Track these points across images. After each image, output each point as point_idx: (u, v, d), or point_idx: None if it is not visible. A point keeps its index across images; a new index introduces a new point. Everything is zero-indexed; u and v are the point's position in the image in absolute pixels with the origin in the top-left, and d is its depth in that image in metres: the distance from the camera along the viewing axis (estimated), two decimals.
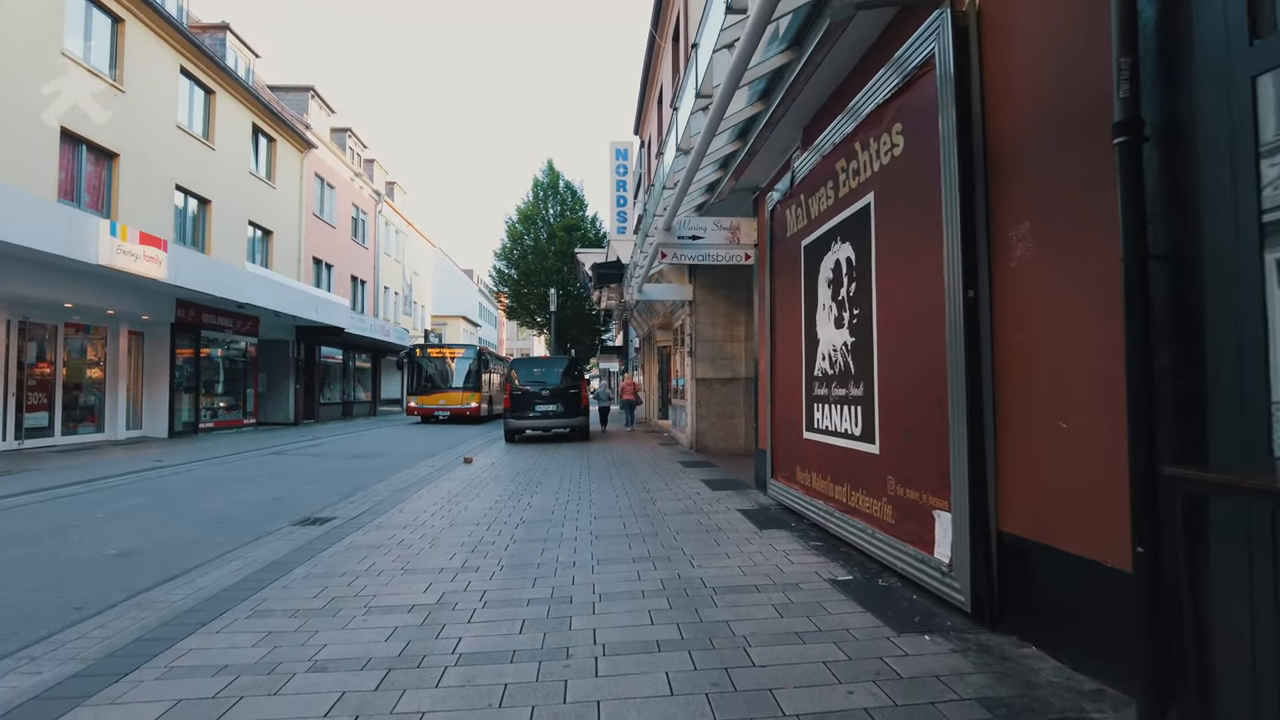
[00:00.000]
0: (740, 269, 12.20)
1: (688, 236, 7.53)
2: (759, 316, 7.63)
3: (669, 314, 15.21)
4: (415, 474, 9.62)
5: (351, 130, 28.56)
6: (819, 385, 5.33)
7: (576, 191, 29.83)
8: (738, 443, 11.97)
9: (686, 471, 9.42)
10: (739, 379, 12.05)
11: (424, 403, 22.66)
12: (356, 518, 6.59)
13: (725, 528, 5.67)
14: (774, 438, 6.54)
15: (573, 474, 9.35)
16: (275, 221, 20.82)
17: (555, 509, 6.74)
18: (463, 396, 22.76)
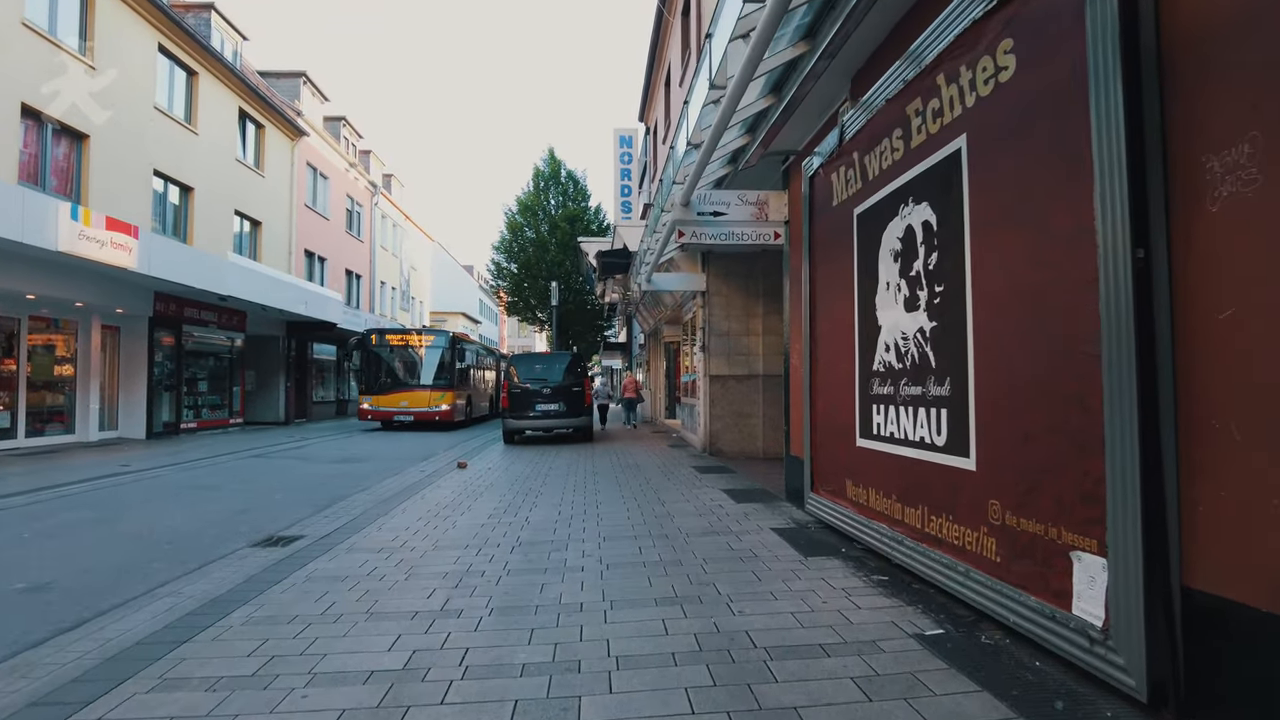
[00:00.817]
0: (758, 256, 11.28)
1: (708, 213, 6.58)
2: (791, 303, 6.68)
3: (678, 307, 14.25)
4: (403, 481, 8.68)
5: (346, 119, 27.60)
6: (880, 382, 4.37)
7: (579, 181, 28.72)
8: (755, 445, 11.02)
9: (703, 479, 8.47)
10: (756, 376, 11.10)
11: (381, 404, 18.05)
12: (327, 536, 5.65)
13: (762, 554, 4.72)
14: (815, 444, 5.58)
15: (577, 481, 8.40)
16: (264, 212, 19.88)
17: (558, 526, 5.79)
18: (430, 396, 18.16)
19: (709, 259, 11.17)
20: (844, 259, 4.99)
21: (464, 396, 19.72)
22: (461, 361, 19.64)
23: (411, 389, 18.30)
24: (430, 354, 18.78)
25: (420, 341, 19.00)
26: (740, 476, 8.65)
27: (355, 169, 27.60)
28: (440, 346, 18.88)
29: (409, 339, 18.94)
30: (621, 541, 5.18)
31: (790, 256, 6.66)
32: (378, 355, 18.62)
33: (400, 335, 18.99)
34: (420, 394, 18.21)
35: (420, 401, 18.08)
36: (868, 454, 4.57)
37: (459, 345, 19.55)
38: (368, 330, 19.44)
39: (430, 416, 17.98)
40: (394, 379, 18.56)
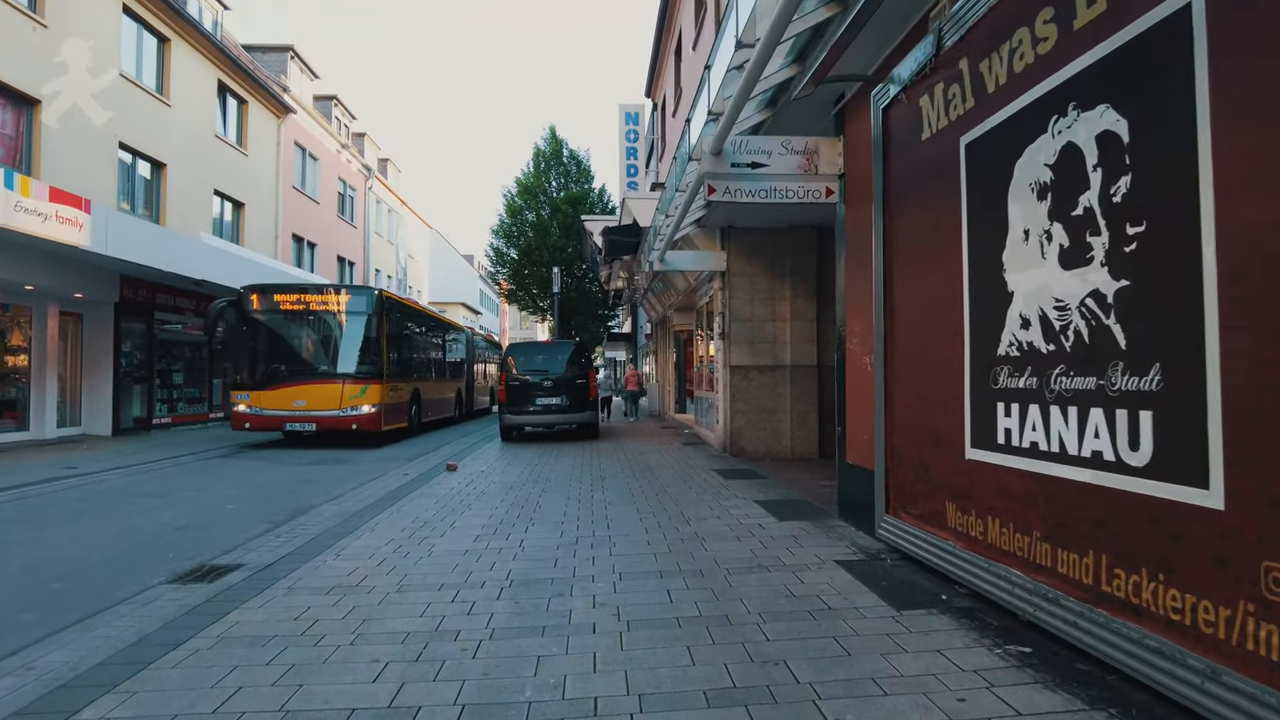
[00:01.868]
0: (784, 232, 10.03)
1: (744, 164, 5.34)
2: (848, 276, 5.44)
3: (692, 291, 13.01)
4: (380, 488, 7.48)
5: (338, 99, 26.30)
6: (1012, 372, 3.13)
7: (582, 162, 27.22)
8: (782, 445, 9.80)
9: (729, 486, 7.25)
10: (782, 367, 9.87)
11: (264, 404, 11.67)
12: (271, 566, 4.46)
13: (837, 605, 3.50)
14: (893, 453, 4.34)
15: (582, 489, 7.19)
16: (247, 192, 18.63)
17: (560, 555, 4.57)
18: (344, 392, 11.75)
19: (729, 235, 9.92)
20: (942, 208, 3.74)
21: (405, 391, 13.50)
22: (400, 338, 13.41)
23: (313, 380, 11.83)
24: (345, 325, 12.25)
25: (329, 305, 12.24)
26: (772, 484, 7.42)
27: (348, 151, 26.32)
28: (361, 313, 12.18)
29: (309, 300, 12.26)
30: (643, 581, 3.96)
31: (848, 217, 5.41)
32: (259, 327, 12.08)
33: (296, 295, 12.25)
34: (327, 389, 11.73)
35: (326, 400, 11.67)
36: (986, 470, 3.33)
37: (392, 312, 12.82)
38: (246, 288, 12.29)
39: (343, 424, 11.65)
40: (286, 365, 12.07)
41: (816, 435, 9.76)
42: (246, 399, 11.82)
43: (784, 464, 9.09)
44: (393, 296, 13.59)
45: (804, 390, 9.76)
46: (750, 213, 9.25)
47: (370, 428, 11.94)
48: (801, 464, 9.09)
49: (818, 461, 9.35)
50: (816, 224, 9.79)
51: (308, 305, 12.28)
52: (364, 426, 11.88)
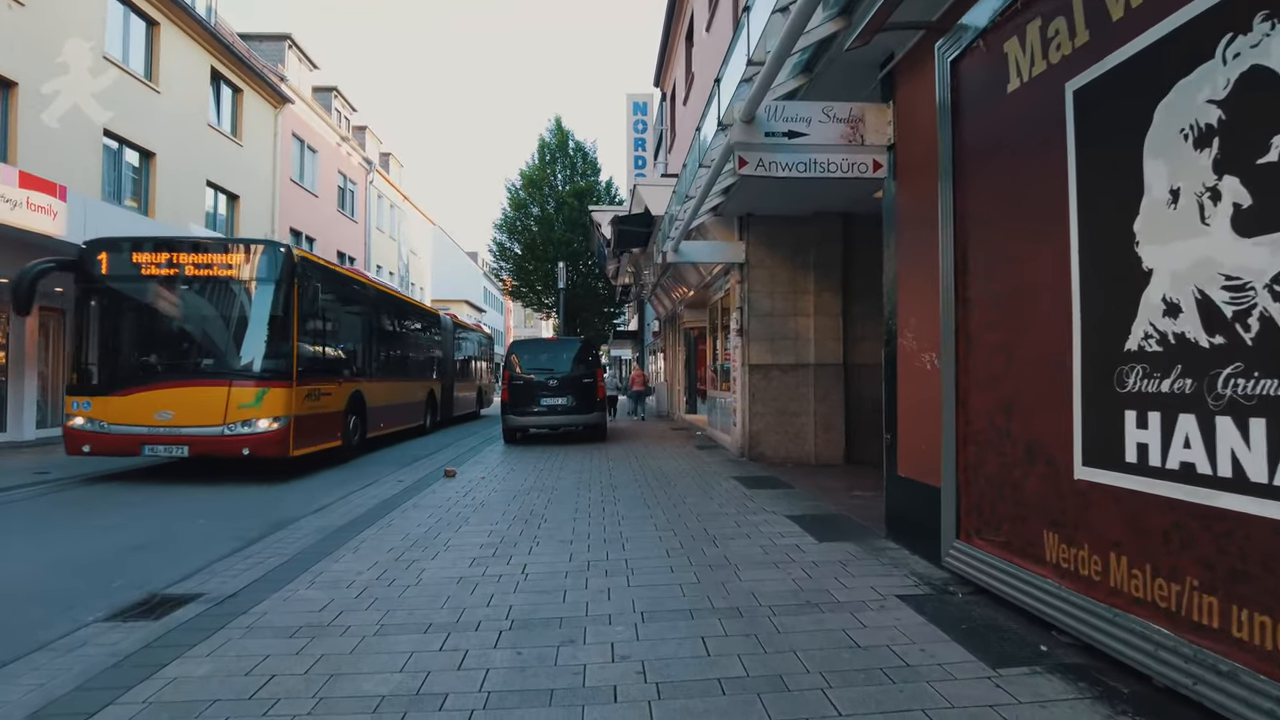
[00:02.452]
0: (808, 221, 9.33)
1: (780, 132, 4.67)
2: (899, 260, 4.76)
3: (705, 286, 12.33)
4: (370, 496, 6.83)
5: (338, 90, 25.67)
6: (1149, 372, 2.45)
7: (588, 154, 26.44)
8: (805, 449, 9.12)
9: (754, 497, 6.57)
10: (806, 365, 9.18)
11: (109, 417, 7.91)
12: (232, 598, 3.81)
13: (916, 659, 2.82)
14: (966, 467, 3.66)
15: (592, 500, 6.52)
16: (242, 184, 18.01)
17: (569, 585, 3.90)
18: (227, 398, 7.91)
19: (749, 225, 9.24)
20: (1038, 173, 3.06)
21: (337, 397, 9.63)
22: (328, 320, 9.57)
23: (186, 379, 8.02)
24: (238, 299, 8.30)
25: (214, 268, 8.28)
26: (800, 494, 6.74)
27: (348, 144, 25.70)
28: (262, 282, 8.26)
29: (184, 261, 8.21)
30: (670, 623, 3.29)
31: (900, 194, 4.73)
32: (110, 301, 8.26)
33: (166, 253, 8.24)
34: (205, 394, 7.89)
35: (204, 410, 7.82)
36: (1105, 495, 2.65)
37: (309, 281, 8.86)
38: (90, 243, 8.38)
39: (228, 447, 7.82)
40: (147, 357, 8.31)
41: (842, 439, 9.07)
42: (86, 408, 7.87)
43: (808, 471, 8.40)
44: (313, 259, 9.38)
45: (828, 391, 9.08)
46: (771, 200, 8.58)
47: (270, 452, 7.90)
48: (827, 471, 8.41)
49: (844, 468, 8.67)
50: (843, 211, 9.10)
51: (181, 270, 8.08)
52: (260, 451, 7.81)
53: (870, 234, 9.60)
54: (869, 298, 9.31)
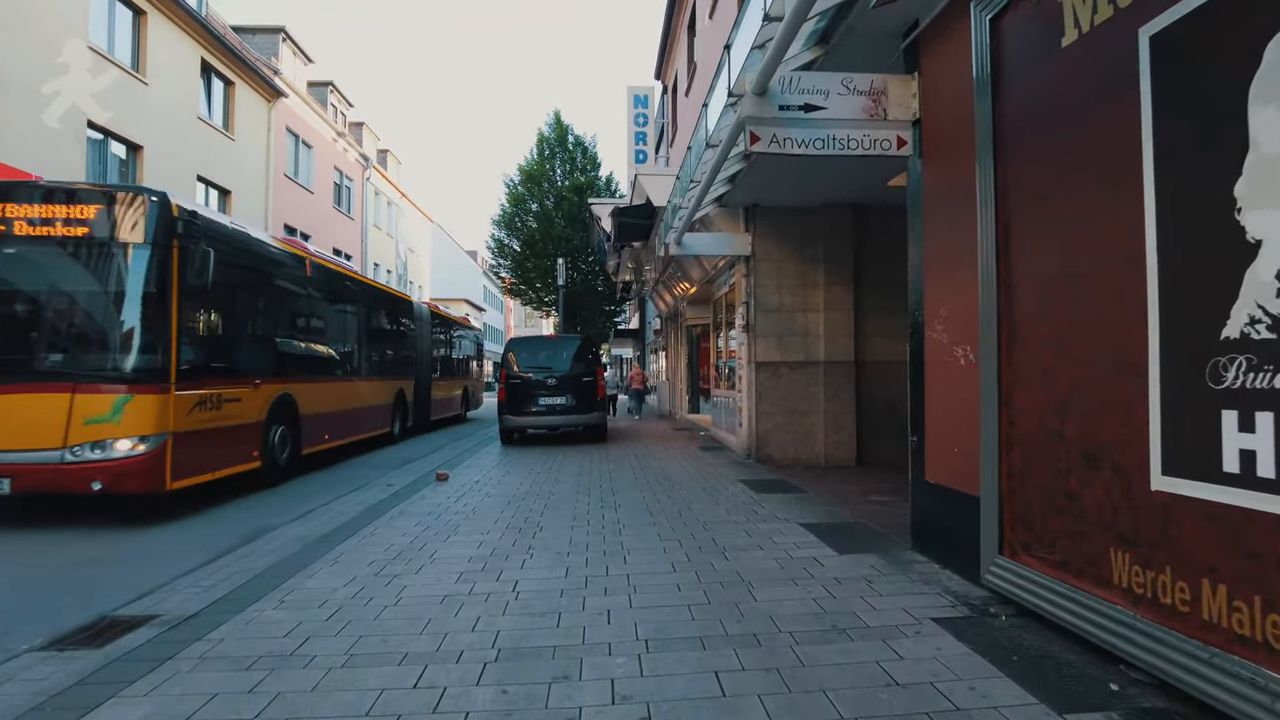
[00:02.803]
0: (817, 213, 8.91)
1: (795, 105, 4.27)
2: (926, 244, 4.35)
3: (708, 281, 11.92)
4: (356, 503, 6.43)
5: (334, 85, 25.26)
6: (1257, 364, 2.04)
7: (588, 148, 25.94)
8: (814, 450, 8.71)
9: (763, 503, 6.16)
10: (815, 363, 8.77)
11: None
12: (190, 620, 3.43)
13: (965, 699, 2.41)
14: (1011, 474, 3.25)
15: (591, 505, 6.11)
16: (234, 180, 17.60)
17: (565, 607, 3.49)
18: (69, 409, 5.53)
19: (755, 216, 8.83)
20: (1102, 137, 2.65)
21: (250, 404, 7.40)
22: (234, 298, 7.40)
23: (8, 383, 5.63)
24: (93, 269, 5.94)
25: (61, 225, 5.86)
26: (812, 500, 6.33)
27: (344, 139, 25.29)
28: (135, 243, 5.92)
29: (17, 214, 5.84)
30: (679, 654, 2.88)
31: (927, 173, 4.32)
32: None
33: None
34: (38, 402, 5.59)
35: (34, 427, 5.55)
36: (1195, 510, 2.25)
37: (201, 243, 6.35)
38: None
39: (71, 480, 5.57)
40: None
41: (854, 440, 8.66)
42: None
43: (819, 474, 7.99)
44: (210, 218, 6.95)
45: (839, 389, 8.67)
46: (779, 190, 8.17)
47: (134, 486, 5.74)
48: (839, 473, 8.00)
49: (856, 470, 8.26)
50: (853, 202, 8.69)
51: (8, 226, 5.77)
52: (120, 485, 5.65)
53: (882, 225, 9.27)
54: (881, 292, 8.91)
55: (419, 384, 14.27)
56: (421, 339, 14.80)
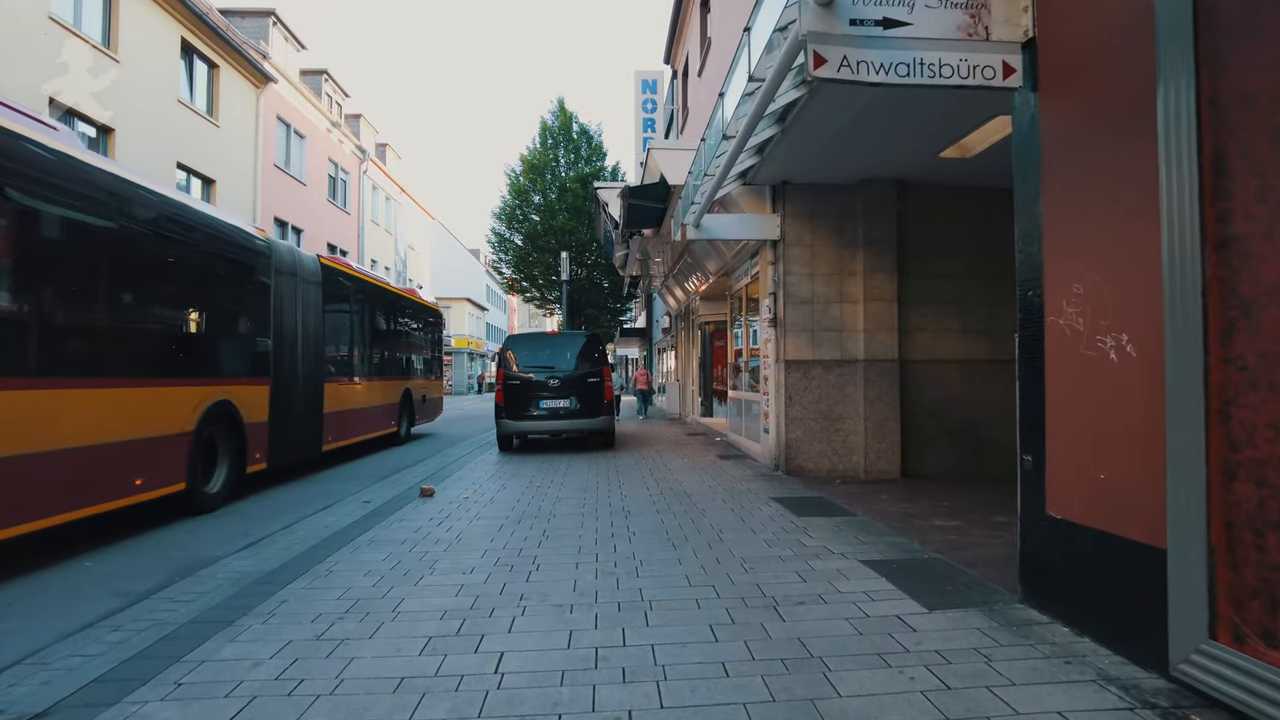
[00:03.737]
0: (855, 190, 7.77)
1: (871, 21, 3.23)
2: (1051, 204, 3.29)
3: (725, 273, 10.88)
4: (320, 526, 5.41)
5: (328, 74, 24.26)
6: None
7: (593, 137, 24.76)
8: (852, 461, 7.65)
9: (809, 529, 5.10)
10: (854, 361, 7.72)
11: None
12: (97, 682, 2.39)
13: None
14: (1233, 523, 2.18)
15: (600, 532, 5.05)
16: (218, 168, 16.63)
17: (567, 708, 2.44)
18: None
19: (784, 194, 7.78)
20: None
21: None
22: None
23: None
24: None
25: None
26: (866, 525, 5.27)
27: (339, 130, 24.31)
28: None
29: None
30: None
31: (1049, 106, 3.25)
32: None
33: None
34: None
35: None
36: None
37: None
38: None
39: None
40: None
41: (897, 450, 7.60)
42: None
43: (861, 489, 6.93)
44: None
45: (881, 391, 7.61)
46: (811, 164, 7.13)
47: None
48: (883, 488, 6.94)
49: (902, 485, 7.20)
50: (896, 178, 7.64)
51: None
52: None
53: (929, 205, 8.11)
54: (928, 281, 7.86)
55: (283, 389, 8.05)
56: (291, 310, 8.44)
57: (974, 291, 7.93)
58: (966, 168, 7.14)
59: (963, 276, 7.93)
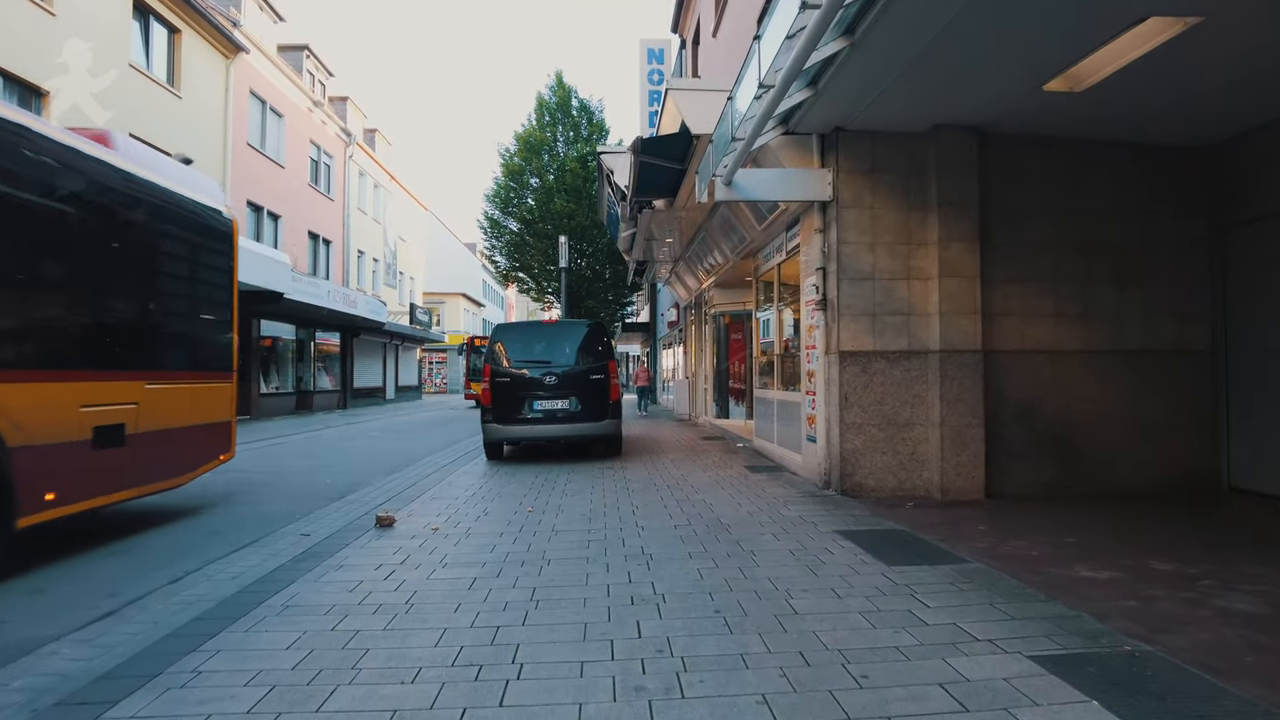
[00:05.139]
0: (919, 140, 6.18)
1: None
2: None
3: (750, 252, 9.32)
4: (226, 577, 3.86)
5: (310, 50, 22.69)
6: None
7: (594, 113, 23.00)
8: (924, 477, 6.12)
9: (914, 588, 3.55)
10: (925, 353, 6.19)
11: None
12: None
13: None
14: None
15: (613, 594, 3.49)
16: (181, 142, 15.03)
17: None
18: None
19: (838, 145, 6.23)
20: None
21: None
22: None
23: None
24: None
25: None
26: (986, 577, 3.72)
27: (322, 110, 22.73)
28: None
29: None
30: None
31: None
32: None
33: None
34: None
35: None
36: None
37: None
38: None
39: None
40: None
41: (981, 462, 6.06)
42: None
43: (942, 515, 5.39)
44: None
45: (961, 390, 6.07)
46: (873, 101, 5.59)
47: None
48: (970, 513, 5.40)
49: (990, 508, 5.67)
50: (977, 124, 6.11)
51: None
52: None
53: (1016, 158, 6.20)
54: (1015, 254, 6.33)
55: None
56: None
57: (1069, 266, 6.41)
58: (1070, 107, 5.63)
59: (1055, 247, 6.41)
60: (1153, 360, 6.44)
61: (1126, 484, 6.30)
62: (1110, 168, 6.48)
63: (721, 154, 5.76)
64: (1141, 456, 6.35)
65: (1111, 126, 6.16)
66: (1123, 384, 6.40)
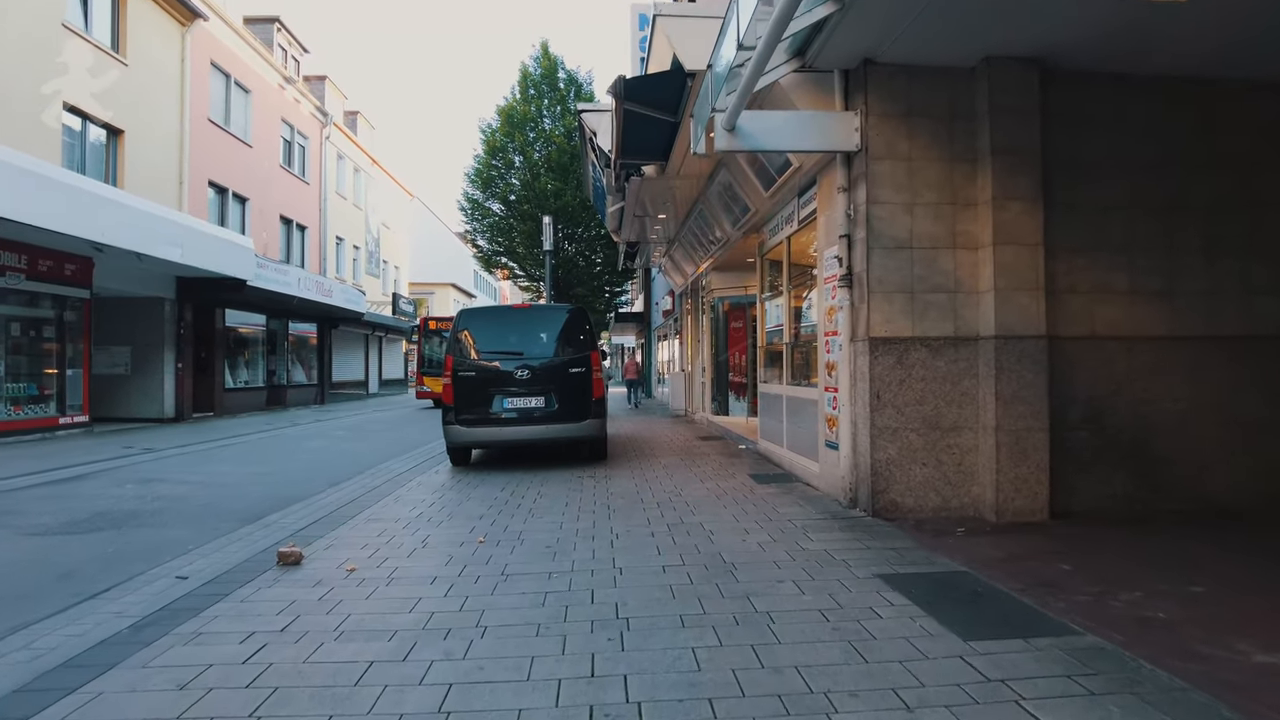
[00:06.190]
0: (963, 79, 4.87)
1: None
2: None
3: (755, 226, 8.10)
4: (45, 647, 2.65)
5: (280, 22, 21.28)
6: None
7: (583, 86, 21.34)
8: (974, 493, 4.94)
9: (1019, 693, 2.36)
10: (975, 339, 5.00)
11: None
12: None
13: None
14: None
15: (566, 678, 2.30)
16: (127, 115, 13.76)
17: None
18: None
19: (865, 82, 5.00)
20: None
21: None
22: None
23: None
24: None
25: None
26: (1117, 660, 2.53)
27: (294, 87, 21.35)
28: None
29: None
30: None
31: None
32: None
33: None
34: None
35: None
36: None
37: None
38: None
39: None
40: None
41: (1045, 475, 4.87)
42: None
43: (1006, 544, 4.20)
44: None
45: (1021, 386, 4.87)
46: (913, 30, 4.39)
47: None
48: (1040, 542, 4.20)
49: (1059, 532, 4.48)
50: (1037, 55, 4.88)
51: None
52: None
53: (1085, 99, 4.84)
54: (1084, 217, 5.12)
55: None
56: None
57: (1147, 232, 5.21)
58: (1164, 28, 4.41)
59: (1130, 208, 5.20)
60: (1259, 348, 5.24)
61: (1221, 498, 5.12)
62: (1203, 111, 5.26)
63: (722, 88, 4.53)
64: (1241, 465, 5.17)
65: (1211, 57, 4.93)
66: (1218, 377, 5.20)
